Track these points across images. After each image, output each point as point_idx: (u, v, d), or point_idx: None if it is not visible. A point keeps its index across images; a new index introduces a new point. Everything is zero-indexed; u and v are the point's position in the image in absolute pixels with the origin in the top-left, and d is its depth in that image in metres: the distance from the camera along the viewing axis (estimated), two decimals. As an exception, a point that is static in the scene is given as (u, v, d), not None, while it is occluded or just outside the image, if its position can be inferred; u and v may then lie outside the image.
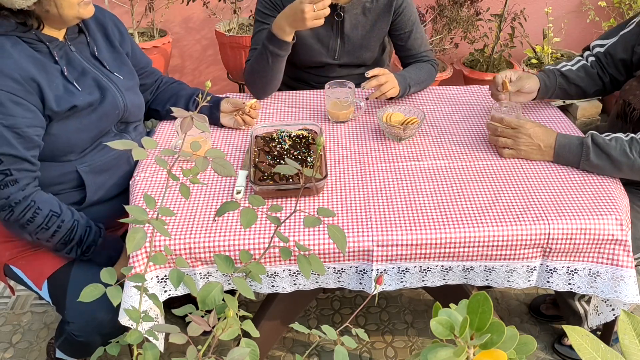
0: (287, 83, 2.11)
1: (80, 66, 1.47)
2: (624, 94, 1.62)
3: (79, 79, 1.44)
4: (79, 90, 1.42)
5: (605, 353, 0.78)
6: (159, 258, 0.90)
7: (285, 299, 1.50)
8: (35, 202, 1.36)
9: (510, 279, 1.38)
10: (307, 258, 0.89)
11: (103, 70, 1.52)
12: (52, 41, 1.41)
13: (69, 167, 1.46)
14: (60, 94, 1.38)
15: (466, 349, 0.69)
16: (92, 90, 1.46)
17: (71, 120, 1.41)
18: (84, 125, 1.44)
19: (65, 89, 1.40)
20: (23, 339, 1.99)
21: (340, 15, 1.89)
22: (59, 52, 1.42)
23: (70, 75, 1.42)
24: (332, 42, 1.96)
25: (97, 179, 1.51)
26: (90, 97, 1.44)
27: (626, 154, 1.42)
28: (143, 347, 0.85)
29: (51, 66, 1.39)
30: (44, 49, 1.40)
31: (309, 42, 1.94)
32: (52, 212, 1.38)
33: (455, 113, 1.80)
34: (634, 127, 1.58)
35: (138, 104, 1.61)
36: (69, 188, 1.49)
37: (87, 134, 1.45)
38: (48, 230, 1.38)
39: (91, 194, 1.50)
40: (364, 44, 1.97)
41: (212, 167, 0.86)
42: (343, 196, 1.42)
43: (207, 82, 0.91)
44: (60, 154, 1.44)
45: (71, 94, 1.40)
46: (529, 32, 3.12)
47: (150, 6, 3.05)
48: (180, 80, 1.88)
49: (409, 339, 1.97)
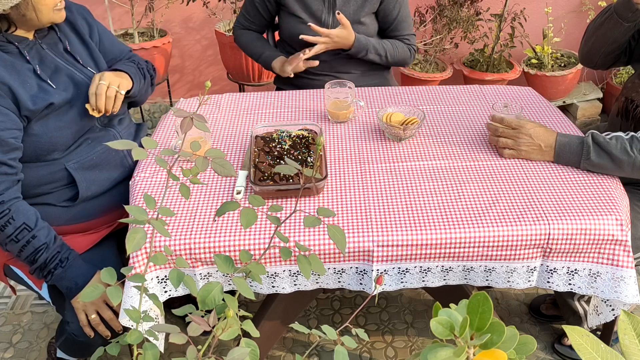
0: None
1: (53, 63, 1.45)
2: (627, 92, 1.62)
3: (52, 77, 1.43)
4: (54, 87, 1.41)
5: (605, 353, 0.78)
6: (159, 258, 0.90)
7: (286, 299, 1.50)
8: (10, 210, 1.32)
9: (511, 279, 1.37)
10: (307, 258, 0.89)
11: (76, 65, 1.50)
12: (21, 41, 1.40)
13: (57, 165, 1.45)
14: (34, 93, 1.37)
15: (466, 349, 0.69)
16: (67, 86, 1.44)
17: (51, 119, 1.40)
18: (64, 123, 1.43)
19: (39, 87, 1.39)
20: (23, 339, 1.99)
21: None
22: (29, 51, 1.41)
23: (43, 74, 1.41)
24: (325, 17, 1.97)
25: (88, 174, 1.50)
26: (65, 93, 1.43)
27: (627, 152, 1.42)
28: (143, 347, 0.85)
29: (22, 66, 1.38)
30: (14, 50, 1.39)
31: (302, 16, 1.97)
32: (25, 226, 1.33)
33: (455, 113, 1.80)
34: (636, 125, 1.58)
35: None
36: (60, 186, 1.48)
37: (68, 131, 1.44)
38: (17, 243, 1.34)
39: (84, 190, 1.49)
40: (355, 20, 1.98)
41: (212, 167, 0.86)
42: (343, 196, 1.42)
43: (207, 82, 0.91)
44: (44, 153, 1.42)
45: (46, 92, 1.39)
46: (529, 32, 3.12)
47: (150, 6, 3.05)
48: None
49: (409, 339, 1.97)
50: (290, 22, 2.01)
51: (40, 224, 1.37)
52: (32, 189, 1.44)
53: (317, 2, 1.97)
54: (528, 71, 3.07)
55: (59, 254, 1.38)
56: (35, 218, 1.37)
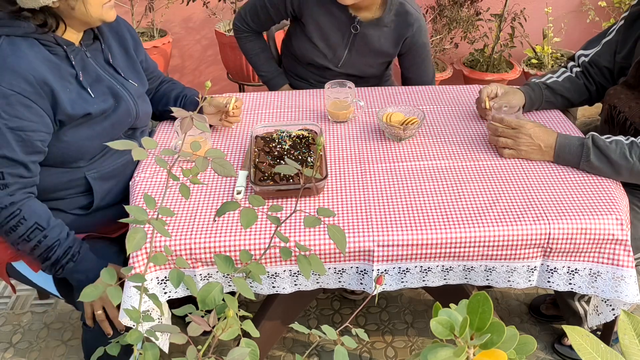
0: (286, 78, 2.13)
1: (95, 72, 1.45)
2: (609, 99, 1.63)
3: (93, 86, 1.42)
4: (92, 97, 1.40)
5: (605, 353, 0.78)
6: (159, 258, 0.90)
7: (286, 299, 1.50)
8: (21, 210, 1.32)
9: (511, 279, 1.38)
10: (308, 258, 0.89)
11: (117, 77, 1.50)
12: (69, 45, 1.39)
13: (78, 173, 1.45)
14: (74, 99, 1.36)
15: (466, 349, 0.69)
16: (106, 97, 1.44)
17: (83, 127, 1.40)
18: (96, 133, 1.42)
19: (78, 95, 1.38)
20: (23, 339, 1.99)
21: (356, 28, 1.90)
22: (75, 56, 1.40)
23: (84, 81, 1.40)
24: (340, 51, 1.97)
25: (105, 185, 1.50)
26: (104, 104, 1.42)
27: (626, 158, 1.42)
28: (143, 347, 0.85)
29: (66, 70, 1.37)
30: (61, 52, 1.38)
31: (318, 44, 1.95)
32: (37, 225, 1.33)
33: (456, 113, 1.80)
34: (620, 130, 1.58)
35: (147, 111, 1.61)
36: (76, 193, 1.48)
37: (98, 141, 1.43)
38: (29, 242, 1.33)
39: (98, 200, 1.49)
40: (369, 62, 2.00)
41: (212, 167, 0.86)
42: (343, 196, 1.42)
43: (207, 83, 0.91)
44: (71, 160, 1.42)
45: (85, 101, 1.38)
46: (529, 32, 3.12)
47: (150, 6, 3.05)
48: (180, 80, 1.88)
49: (409, 339, 1.97)
50: (305, 46, 1.98)
51: (52, 222, 1.36)
52: (48, 193, 1.43)
53: (337, 36, 1.94)
54: (528, 71, 3.07)
55: (70, 249, 1.38)
56: (48, 217, 1.36)
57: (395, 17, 1.91)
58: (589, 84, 1.76)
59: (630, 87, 1.57)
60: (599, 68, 1.73)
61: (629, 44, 1.63)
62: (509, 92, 1.71)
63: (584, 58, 1.76)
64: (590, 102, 1.81)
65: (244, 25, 2.04)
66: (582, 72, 1.76)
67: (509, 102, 1.65)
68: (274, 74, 2.12)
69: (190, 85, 1.97)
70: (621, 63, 1.66)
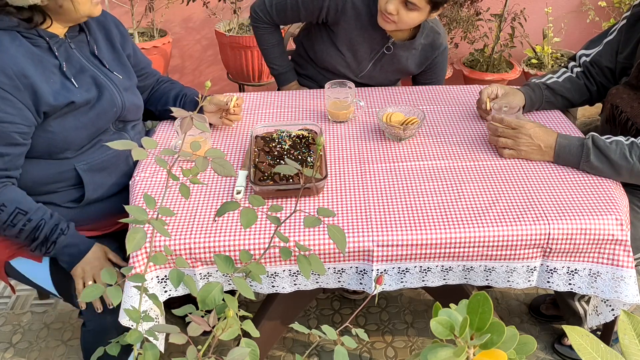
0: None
1: (79, 63, 1.46)
2: (611, 99, 1.63)
3: (76, 76, 1.43)
4: (76, 87, 1.42)
5: (605, 353, 0.78)
6: (159, 258, 0.90)
7: (286, 299, 1.50)
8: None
9: (511, 279, 1.38)
10: (307, 258, 0.89)
11: (102, 68, 1.51)
12: (52, 37, 1.40)
13: (67, 165, 1.46)
14: (57, 89, 1.37)
15: (466, 349, 0.69)
16: (90, 87, 1.45)
17: (69, 117, 1.41)
18: (81, 123, 1.43)
19: (62, 85, 1.39)
20: (23, 339, 1.99)
21: (390, 48, 1.92)
22: (59, 48, 1.42)
23: (68, 72, 1.41)
24: (365, 64, 1.98)
25: (96, 177, 1.50)
26: (87, 94, 1.43)
27: (626, 158, 1.42)
28: (143, 347, 0.85)
29: (49, 61, 1.39)
30: (44, 44, 1.39)
31: (345, 54, 1.95)
32: (19, 210, 1.35)
33: (455, 113, 1.80)
34: (622, 130, 1.58)
35: (136, 103, 1.61)
36: (67, 186, 1.48)
37: (85, 132, 1.44)
38: (15, 227, 1.36)
39: (90, 192, 1.49)
40: (389, 77, 2.04)
41: (212, 167, 0.86)
42: (343, 196, 1.42)
43: (207, 82, 0.91)
44: (57, 151, 1.43)
45: (68, 90, 1.39)
46: (529, 32, 3.12)
47: (150, 6, 3.05)
48: (180, 80, 1.88)
49: (409, 339, 1.97)
50: (329, 52, 1.97)
51: (34, 206, 1.38)
52: (39, 187, 1.44)
53: (366, 50, 1.94)
54: (528, 71, 3.07)
55: (57, 226, 1.40)
56: (29, 201, 1.38)
57: (424, 41, 1.94)
58: (590, 84, 1.75)
59: (632, 88, 1.57)
60: (600, 68, 1.73)
61: (631, 44, 1.63)
62: (509, 92, 1.71)
63: (585, 58, 1.76)
64: (590, 102, 1.81)
65: (266, 17, 1.99)
66: (583, 72, 1.76)
67: (509, 102, 1.65)
68: (286, 69, 2.11)
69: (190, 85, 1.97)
70: (623, 63, 1.66)
